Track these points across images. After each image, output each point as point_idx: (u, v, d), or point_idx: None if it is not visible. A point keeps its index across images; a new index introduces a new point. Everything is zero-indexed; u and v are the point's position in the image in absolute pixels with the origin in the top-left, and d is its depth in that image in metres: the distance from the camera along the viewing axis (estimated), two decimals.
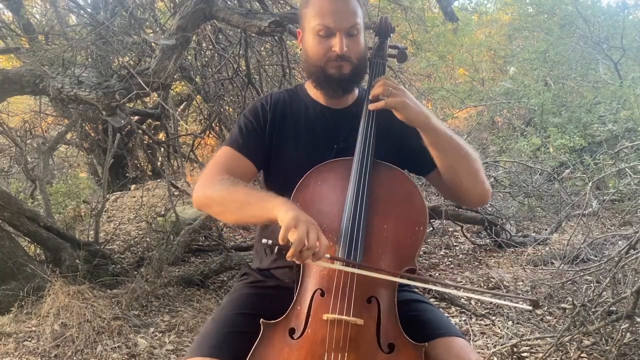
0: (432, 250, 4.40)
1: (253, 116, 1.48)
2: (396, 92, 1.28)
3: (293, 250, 1.11)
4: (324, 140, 1.44)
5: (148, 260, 3.56)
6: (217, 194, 1.33)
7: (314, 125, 1.47)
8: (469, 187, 1.37)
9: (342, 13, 1.36)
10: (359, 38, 1.39)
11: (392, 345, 1.20)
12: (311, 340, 1.18)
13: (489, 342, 2.73)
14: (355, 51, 1.38)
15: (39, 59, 3.22)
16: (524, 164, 5.34)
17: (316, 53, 1.39)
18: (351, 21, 1.36)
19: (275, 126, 1.47)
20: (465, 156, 1.34)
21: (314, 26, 1.37)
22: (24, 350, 2.60)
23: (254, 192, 1.31)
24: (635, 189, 3.53)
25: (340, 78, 1.39)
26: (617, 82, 6.85)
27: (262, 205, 1.25)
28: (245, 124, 1.47)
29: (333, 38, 1.36)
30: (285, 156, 1.45)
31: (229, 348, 1.25)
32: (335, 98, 1.47)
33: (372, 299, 1.22)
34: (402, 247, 1.28)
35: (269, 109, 1.48)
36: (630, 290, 2.34)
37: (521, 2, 9.93)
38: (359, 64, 1.41)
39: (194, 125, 6.19)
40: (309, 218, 1.17)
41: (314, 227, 1.14)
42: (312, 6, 1.39)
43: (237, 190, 1.31)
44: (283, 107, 1.49)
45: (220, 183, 1.34)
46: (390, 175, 1.35)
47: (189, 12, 2.86)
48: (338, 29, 1.35)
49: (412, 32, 5.73)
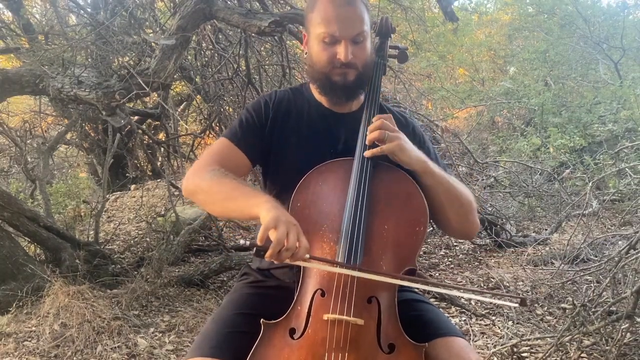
0: (432, 250, 4.40)
1: (255, 111, 1.46)
2: (393, 135, 1.26)
3: (271, 250, 1.10)
4: (324, 142, 1.43)
5: (148, 260, 3.56)
6: (204, 182, 1.32)
7: (316, 126, 1.46)
8: (456, 227, 1.38)
9: (348, 20, 1.33)
10: (365, 44, 1.37)
11: (393, 345, 1.20)
12: (311, 341, 1.18)
13: (489, 342, 2.73)
14: (360, 58, 1.36)
15: (39, 59, 3.22)
16: (524, 164, 5.35)
17: (320, 60, 1.37)
18: (357, 29, 1.34)
19: (278, 124, 1.46)
20: (457, 200, 1.33)
21: (319, 33, 1.35)
22: (24, 350, 2.60)
23: (241, 186, 1.29)
24: (635, 189, 3.54)
25: (345, 85, 1.38)
26: (617, 82, 6.86)
27: (246, 201, 1.24)
28: (246, 117, 1.46)
29: (338, 45, 1.34)
30: (285, 155, 1.44)
31: (229, 348, 1.25)
32: (339, 104, 1.46)
33: (373, 299, 1.22)
34: (403, 247, 1.27)
35: (272, 106, 1.47)
36: (630, 290, 2.35)
37: (521, 2, 9.94)
38: (364, 70, 1.39)
39: (194, 125, 6.19)
40: (289, 218, 1.16)
41: (294, 227, 1.14)
42: (318, 11, 1.36)
43: (225, 182, 1.30)
44: (287, 105, 1.48)
45: (211, 172, 1.32)
46: (391, 176, 1.35)
47: (189, 12, 2.86)
48: (343, 36, 1.33)
49: (412, 32, 5.73)
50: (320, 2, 1.36)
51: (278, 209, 1.17)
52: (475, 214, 1.39)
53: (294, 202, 1.32)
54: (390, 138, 1.26)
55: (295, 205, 1.32)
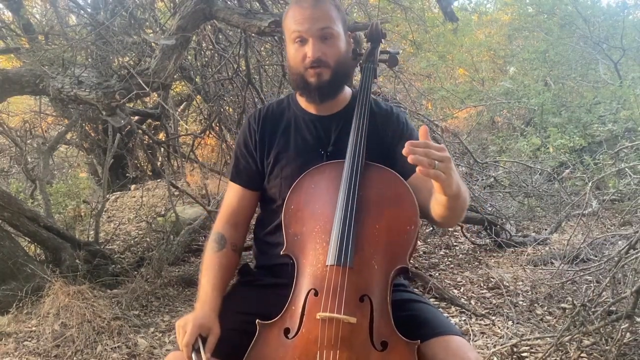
0: (432, 250, 4.40)
1: (243, 142, 1.54)
2: (445, 167, 1.10)
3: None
4: (314, 148, 1.47)
5: (148, 260, 3.56)
6: (204, 256, 1.51)
7: (304, 135, 1.49)
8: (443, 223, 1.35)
9: (312, 19, 1.38)
10: (335, 42, 1.41)
11: (385, 342, 1.21)
12: (305, 339, 1.20)
13: (489, 342, 2.73)
14: (331, 55, 1.40)
15: (39, 59, 3.22)
16: (524, 164, 5.34)
17: (295, 62, 1.43)
18: (321, 25, 1.38)
19: (265, 143, 1.50)
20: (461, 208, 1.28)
21: (290, 34, 1.41)
22: (24, 350, 2.60)
23: (203, 286, 1.44)
24: (635, 189, 3.54)
25: (319, 85, 1.41)
26: (617, 82, 6.85)
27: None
28: (237, 153, 1.55)
29: (307, 44, 1.39)
30: (278, 169, 1.48)
31: (225, 347, 1.27)
32: (317, 104, 1.48)
33: (365, 297, 1.23)
34: (394, 246, 1.29)
35: (257, 128, 1.52)
36: (630, 290, 2.35)
37: (521, 2, 9.94)
38: (339, 68, 1.42)
39: (194, 125, 6.19)
40: (182, 322, 1.30)
41: (180, 329, 1.29)
42: (290, 16, 1.43)
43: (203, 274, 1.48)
44: (272, 121, 1.53)
45: (211, 245, 1.49)
46: (381, 176, 1.37)
47: (189, 12, 2.86)
48: (310, 34, 1.38)
49: (412, 32, 5.72)
50: (291, 7, 1.44)
51: (184, 317, 1.32)
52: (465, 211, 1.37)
53: (287, 205, 1.35)
54: (442, 168, 1.10)
55: (289, 208, 1.35)
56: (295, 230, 1.33)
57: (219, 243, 1.47)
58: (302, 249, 1.31)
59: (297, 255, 1.31)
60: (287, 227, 1.34)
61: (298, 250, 1.31)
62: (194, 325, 1.26)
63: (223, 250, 1.47)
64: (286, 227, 1.34)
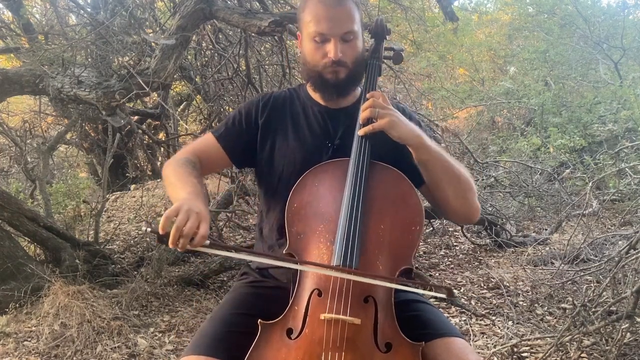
0: (432, 250, 4.40)
1: (245, 112, 1.52)
2: (384, 112, 1.29)
3: (171, 237, 1.13)
4: (320, 139, 1.46)
5: (148, 260, 3.56)
6: (168, 169, 1.41)
7: (311, 124, 1.48)
8: (455, 206, 1.38)
9: (337, 19, 1.36)
10: (355, 43, 1.40)
11: (390, 344, 1.20)
12: (309, 340, 1.19)
13: (489, 342, 2.73)
14: (350, 56, 1.39)
15: (39, 58, 3.22)
16: (524, 164, 5.34)
17: (312, 58, 1.41)
18: (345, 27, 1.37)
19: (272, 127, 1.49)
20: (455, 177, 1.34)
21: (310, 32, 1.39)
22: (24, 350, 2.60)
23: (183, 178, 1.34)
24: (635, 189, 3.54)
25: (337, 83, 1.41)
26: (617, 82, 6.85)
27: (173, 193, 1.32)
28: (234, 117, 1.53)
29: (328, 44, 1.37)
30: (281, 155, 1.47)
31: (226, 347, 1.26)
32: (332, 100, 1.48)
33: (369, 298, 1.22)
34: (399, 247, 1.28)
35: (266, 109, 1.51)
36: (631, 290, 2.34)
37: (521, 2, 9.93)
38: (355, 68, 1.42)
39: (194, 125, 6.19)
40: (193, 207, 1.17)
41: (195, 215, 1.15)
42: (309, 11, 1.40)
43: (177, 171, 1.37)
44: (283, 108, 1.52)
45: (178, 162, 1.41)
46: (386, 176, 1.36)
47: (189, 12, 2.86)
48: (333, 35, 1.36)
49: (412, 32, 5.73)
50: (311, 1, 1.40)
51: (188, 200, 1.20)
52: (475, 195, 1.40)
53: (290, 203, 1.34)
54: (381, 115, 1.29)
55: (292, 206, 1.33)
56: (299, 229, 1.31)
57: (195, 168, 1.41)
58: (305, 248, 1.29)
59: (301, 254, 1.29)
60: (290, 226, 1.32)
61: (301, 250, 1.29)
62: (206, 219, 1.18)
63: (198, 176, 1.39)
64: (289, 226, 1.32)
